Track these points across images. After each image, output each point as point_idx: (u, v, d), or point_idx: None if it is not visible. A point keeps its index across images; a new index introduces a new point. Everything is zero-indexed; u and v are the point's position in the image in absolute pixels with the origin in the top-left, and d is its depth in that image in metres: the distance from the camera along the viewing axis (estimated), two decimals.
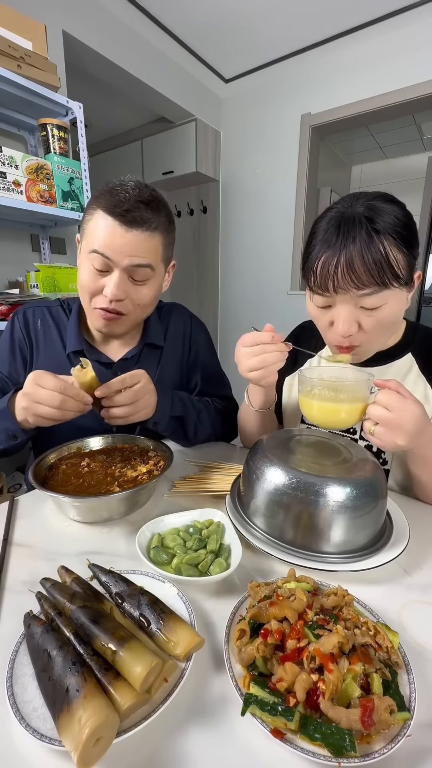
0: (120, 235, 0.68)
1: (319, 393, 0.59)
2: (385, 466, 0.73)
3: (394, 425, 0.53)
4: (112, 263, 0.70)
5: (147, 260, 0.72)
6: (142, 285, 0.75)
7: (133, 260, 0.70)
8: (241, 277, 3.21)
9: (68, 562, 0.47)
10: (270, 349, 0.62)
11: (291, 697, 0.31)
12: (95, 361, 0.84)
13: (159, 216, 0.72)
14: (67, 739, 0.27)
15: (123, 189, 0.69)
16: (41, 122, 1.56)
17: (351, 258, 0.57)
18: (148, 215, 0.69)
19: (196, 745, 0.31)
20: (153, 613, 0.38)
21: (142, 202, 0.69)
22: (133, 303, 0.76)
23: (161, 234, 0.73)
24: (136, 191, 0.69)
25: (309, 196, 2.77)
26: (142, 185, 0.72)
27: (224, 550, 0.51)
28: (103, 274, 0.72)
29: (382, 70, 2.30)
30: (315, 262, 0.61)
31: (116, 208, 0.67)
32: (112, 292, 0.71)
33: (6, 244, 1.81)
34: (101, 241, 0.69)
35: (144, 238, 0.70)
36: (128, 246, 0.69)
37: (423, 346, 0.73)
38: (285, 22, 2.22)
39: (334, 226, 0.60)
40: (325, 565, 0.48)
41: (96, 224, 0.70)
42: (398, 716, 0.30)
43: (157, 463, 0.69)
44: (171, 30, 2.33)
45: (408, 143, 3.44)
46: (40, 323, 0.86)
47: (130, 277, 0.73)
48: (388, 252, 0.57)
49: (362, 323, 0.63)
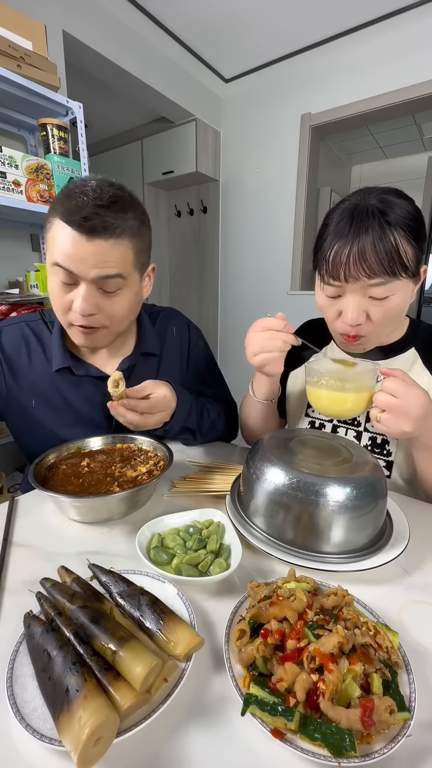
0: (81, 245, 0.61)
1: (327, 383, 0.61)
2: (389, 457, 0.74)
3: (401, 411, 0.55)
4: (76, 276, 0.64)
5: (115, 269, 0.64)
6: (114, 296, 0.68)
7: (99, 272, 0.63)
8: (241, 277, 3.21)
9: (68, 562, 0.47)
10: (277, 336, 0.64)
11: (291, 697, 0.31)
12: (85, 375, 0.79)
13: (125, 219, 0.64)
14: (67, 739, 0.27)
15: (81, 192, 0.61)
16: (41, 122, 1.56)
17: (363, 247, 0.59)
18: (111, 220, 0.61)
19: (196, 745, 0.31)
20: (153, 613, 0.38)
21: (102, 206, 0.61)
22: (107, 316, 0.69)
23: (129, 239, 0.65)
24: (96, 193, 0.61)
25: (309, 196, 2.77)
26: (104, 184, 0.64)
27: (224, 550, 0.51)
28: (70, 287, 0.66)
29: (382, 70, 2.29)
30: (328, 251, 0.63)
31: (73, 215, 0.60)
32: (81, 307, 0.65)
33: (6, 244, 1.80)
34: (62, 254, 0.62)
35: (109, 246, 0.63)
36: (92, 257, 0.62)
37: (426, 341, 0.75)
38: (285, 22, 2.22)
39: (347, 217, 0.61)
40: (325, 565, 0.48)
41: (55, 234, 0.63)
42: (398, 716, 0.30)
43: (157, 463, 0.69)
44: (171, 30, 2.33)
45: (408, 143, 3.43)
46: (21, 341, 0.79)
47: (100, 288, 0.66)
48: (399, 243, 0.59)
49: (370, 313, 0.64)
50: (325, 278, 0.65)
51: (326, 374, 0.61)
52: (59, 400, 0.79)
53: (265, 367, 0.66)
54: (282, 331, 0.64)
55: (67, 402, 0.79)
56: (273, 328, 0.64)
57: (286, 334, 0.64)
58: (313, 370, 0.64)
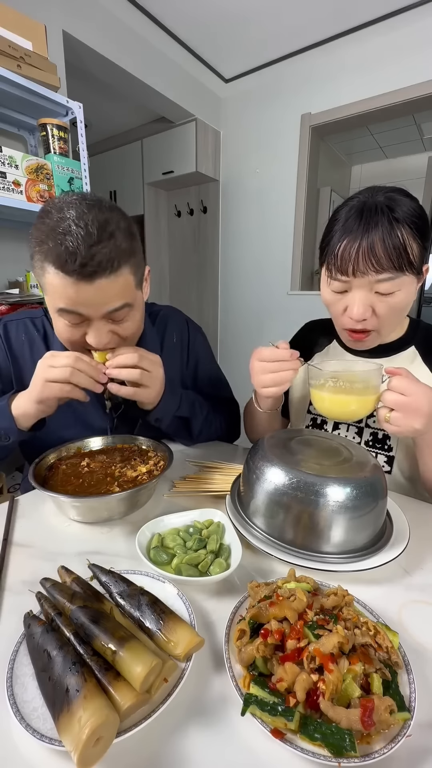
0: (84, 290, 0.60)
1: (332, 385, 0.60)
2: (390, 453, 0.74)
3: (411, 409, 0.55)
4: (86, 317, 0.64)
5: (123, 301, 0.65)
6: (124, 321, 0.68)
7: (108, 307, 0.63)
8: (241, 277, 3.21)
9: (68, 562, 0.47)
10: (286, 366, 0.63)
11: (291, 697, 0.31)
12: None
13: (117, 245, 0.60)
14: (67, 739, 0.27)
15: (67, 230, 0.57)
16: (41, 122, 1.56)
17: (373, 243, 0.60)
18: (107, 253, 0.58)
19: (196, 745, 0.31)
20: (153, 613, 0.38)
21: (93, 244, 0.57)
22: (121, 337, 0.70)
23: (128, 263, 0.63)
24: (83, 229, 0.57)
25: (309, 196, 2.77)
26: (84, 212, 0.58)
27: (224, 550, 0.51)
28: (78, 326, 0.65)
29: (382, 70, 2.30)
30: (336, 246, 0.63)
31: (68, 264, 0.57)
32: (97, 342, 0.65)
33: (6, 244, 1.80)
34: (66, 300, 0.61)
35: (111, 281, 0.61)
36: (97, 298, 0.61)
37: (425, 338, 0.76)
38: (285, 22, 2.22)
39: (356, 214, 0.62)
40: (325, 565, 0.48)
41: (52, 283, 0.60)
42: (398, 716, 0.30)
43: (157, 463, 0.69)
44: (171, 30, 2.33)
45: (408, 143, 3.43)
46: (24, 336, 0.81)
47: (111, 319, 0.66)
48: (406, 240, 0.60)
49: (376, 308, 0.65)
50: (332, 273, 0.66)
51: (330, 376, 0.60)
52: None
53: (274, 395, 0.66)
54: (290, 360, 0.63)
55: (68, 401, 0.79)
56: (281, 358, 0.63)
57: (294, 362, 0.63)
58: (316, 372, 0.62)
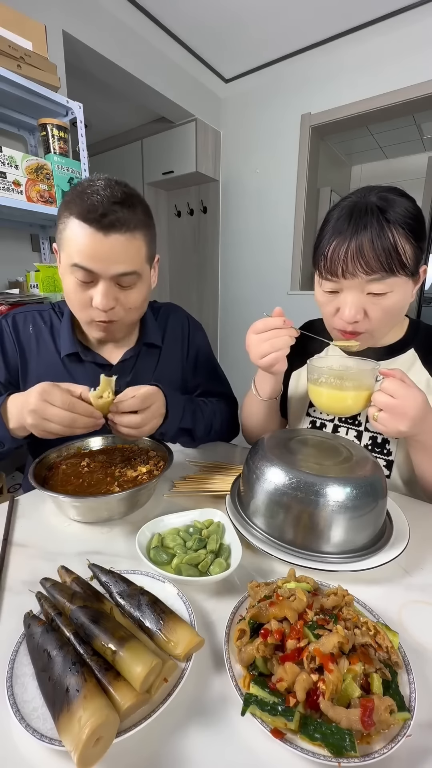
0: (99, 242, 0.64)
1: (327, 381, 0.62)
2: (390, 457, 0.74)
3: (398, 411, 0.56)
4: (96, 275, 0.67)
5: (132, 267, 0.68)
6: (130, 289, 0.72)
7: (118, 268, 0.67)
8: (241, 277, 3.21)
9: (68, 562, 0.47)
10: (282, 333, 0.64)
11: (291, 697, 0.31)
12: (92, 362, 0.82)
13: (136, 213, 0.67)
14: (67, 739, 0.27)
15: (94, 191, 0.64)
16: (41, 122, 1.56)
17: (361, 244, 0.59)
18: (125, 215, 0.65)
19: (196, 745, 0.31)
20: (153, 613, 0.38)
21: (117, 202, 0.64)
22: (124, 308, 0.73)
23: (142, 232, 0.69)
24: (108, 191, 0.64)
25: (309, 196, 2.77)
26: (112, 183, 0.67)
27: (224, 550, 0.51)
28: (88, 285, 0.69)
29: (382, 70, 2.29)
30: (326, 247, 0.63)
31: (90, 213, 0.63)
32: (102, 303, 0.68)
33: (6, 244, 1.80)
34: (81, 254, 0.65)
35: (125, 241, 0.66)
36: (110, 253, 0.65)
37: (425, 341, 0.75)
38: (285, 22, 2.22)
39: (346, 215, 0.62)
40: (325, 565, 0.48)
41: (72, 234, 0.65)
42: (398, 716, 0.30)
43: (157, 463, 0.69)
44: (171, 30, 2.33)
45: (408, 143, 3.43)
46: (31, 328, 0.83)
47: (117, 284, 0.70)
48: (397, 241, 0.59)
49: (368, 311, 0.65)
50: (323, 274, 0.66)
51: (327, 372, 0.62)
52: None
53: (273, 366, 0.66)
54: (284, 328, 0.64)
55: None
56: (275, 326, 0.64)
57: (289, 329, 0.64)
58: (315, 368, 0.65)
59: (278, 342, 0.64)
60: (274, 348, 0.64)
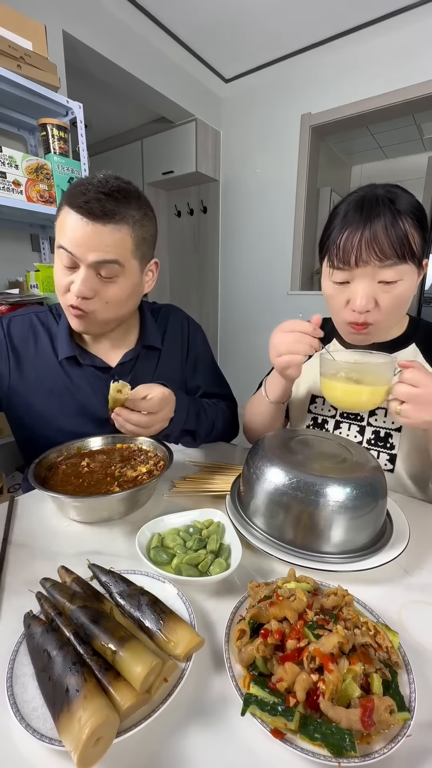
0: (81, 227, 0.65)
1: (344, 375, 0.61)
2: (393, 450, 0.74)
3: (423, 401, 0.55)
4: (76, 259, 0.67)
5: (112, 255, 0.68)
6: (110, 282, 0.71)
7: (97, 255, 0.66)
8: (241, 277, 3.21)
9: (68, 562, 0.47)
10: (305, 339, 0.63)
11: (291, 697, 0.31)
12: (90, 365, 0.81)
13: (127, 208, 0.67)
14: (67, 739, 0.27)
15: (88, 182, 0.67)
16: (41, 122, 1.56)
17: (375, 232, 0.61)
18: (112, 206, 0.66)
19: (196, 745, 0.31)
20: (153, 613, 0.38)
21: (104, 193, 0.65)
22: (101, 301, 0.72)
23: (130, 227, 0.69)
24: (101, 183, 0.66)
25: (309, 196, 2.77)
26: (111, 178, 0.68)
27: (224, 550, 0.51)
28: (71, 270, 0.69)
29: (382, 70, 2.30)
30: (339, 237, 0.64)
31: (77, 199, 0.65)
32: (78, 289, 0.68)
33: (6, 244, 1.81)
34: (66, 237, 0.67)
35: (107, 231, 0.66)
36: (90, 240, 0.66)
37: (426, 336, 0.76)
38: (285, 22, 2.22)
39: (357, 206, 0.64)
40: (325, 565, 0.48)
41: (62, 220, 0.68)
42: (398, 716, 0.30)
43: (157, 463, 0.69)
44: (171, 30, 2.33)
45: (408, 143, 3.44)
46: (29, 329, 0.82)
47: (98, 273, 0.69)
48: (407, 229, 0.62)
49: (379, 300, 0.65)
50: (335, 263, 0.66)
51: (345, 367, 0.61)
52: (63, 389, 0.80)
53: (288, 369, 0.66)
54: (311, 335, 0.63)
55: (71, 391, 0.80)
56: (303, 330, 0.63)
57: (313, 339, 0.63)
58: (330, 362, 0.62)
59: (298, 346, 0.63)
60: (291, 350, 0.63)
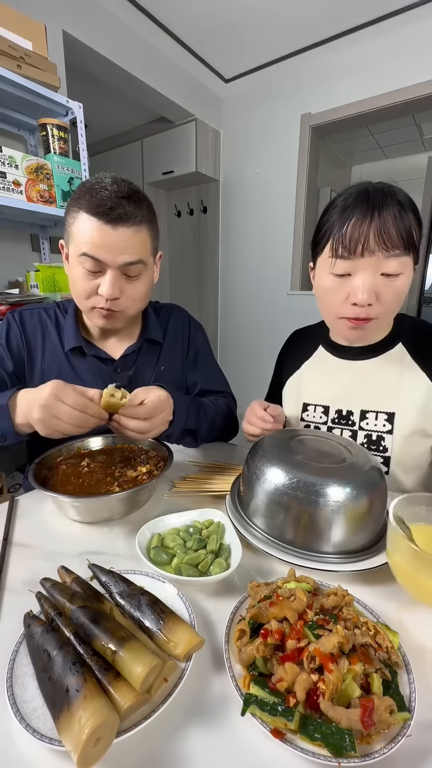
0: (107, 234, 0.68)
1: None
2: (386, 453, 0.74)
3: None
4: (104, 264, 0.70)
5: (138, 256, 0.72)
6: (135, 280, 0.75)
7: (125, 258, 0.71)
8: (241, 277, 3.21)
9: (68, 562, 0.47)
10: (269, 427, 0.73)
11: (291, 697, 0.31)
12: (94, 356, 0.84)
13: (141, 209, 0.71)
14: (67, 739, 0.27)
15: (102, 187, 0.68)
16: (41, 122, 1.56)
17: (385, 221, 0.61)
18: (132, 209, 0.69)
19: (196, 745, 0.31)
20: (153, 613, 0.38)
21: (124, 197, 0.68)
22: (129, 299, 0.76)
23: (147, 226, 0.74)
24: (115, 187, 0.69)
25: (309, 196, 2.77)
26: (119, 180, 0.71)
27: (224, 550, 0.51)
28: (95, 275, 0.72)
29: (382, 70, 2.30)
30: (344, 226, 0.63)
31: (99, 207, 0.67)
32: (108, 291, 0.71)
33: (6, 244, 1.81)
34: (90, 244, 0.69)
35: (131, 233, 0.70)
36: (118, 244, 0.69)
37: (411, 335, 0.76)
38: (285, 22, 2.22)
39: (361, 196, 0.63)
40: (325, 565, 0.48)
41: (81, 227, 0.69)
42: (398, 716, 0.30)
43: (157, 463, 0.69)
44: (171, 30, 2.33)
45: (408, 143, 3.44)
46: (38, 323, 0.86)
47: (124, 274, 0.73)
48: (412, 222, 0.62)
49: (380, 293, 0.65)
50: (338, 252, 0.64)
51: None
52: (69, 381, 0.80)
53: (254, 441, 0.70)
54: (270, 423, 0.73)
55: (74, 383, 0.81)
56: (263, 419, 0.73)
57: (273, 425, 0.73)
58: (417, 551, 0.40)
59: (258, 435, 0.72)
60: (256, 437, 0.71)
